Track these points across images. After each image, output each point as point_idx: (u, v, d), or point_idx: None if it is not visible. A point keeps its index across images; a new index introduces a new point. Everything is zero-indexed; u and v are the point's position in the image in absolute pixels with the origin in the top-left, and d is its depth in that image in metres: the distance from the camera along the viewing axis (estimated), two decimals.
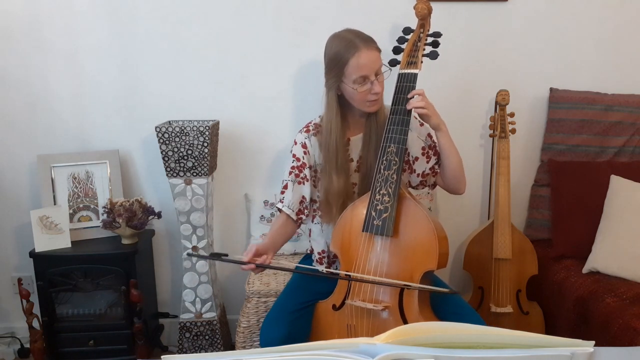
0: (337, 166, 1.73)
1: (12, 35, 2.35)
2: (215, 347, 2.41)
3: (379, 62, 1.67)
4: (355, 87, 1.65)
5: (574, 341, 0.74)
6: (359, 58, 1.63)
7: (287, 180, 1.80)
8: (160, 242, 2.57)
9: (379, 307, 1.57)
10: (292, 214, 1.77)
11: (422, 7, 1.76)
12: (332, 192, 1.74)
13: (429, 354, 0.73)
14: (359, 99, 1.69)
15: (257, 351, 0.77)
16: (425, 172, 1.79)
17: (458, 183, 1.78)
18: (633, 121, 2.39)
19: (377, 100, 1.70)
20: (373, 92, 1.66)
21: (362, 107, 1.71)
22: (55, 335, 2.31)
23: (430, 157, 1.78)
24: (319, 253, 1.88)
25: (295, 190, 1.78)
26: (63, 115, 2.43)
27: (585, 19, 2.41)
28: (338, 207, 1.74)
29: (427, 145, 1.78)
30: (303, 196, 1.80)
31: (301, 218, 1.80)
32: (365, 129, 1.77)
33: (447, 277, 2.58)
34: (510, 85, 2.37)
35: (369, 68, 1.64)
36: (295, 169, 1.80)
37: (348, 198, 1.75)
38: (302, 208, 1.80)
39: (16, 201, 2.50)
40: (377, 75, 1.66)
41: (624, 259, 2.08)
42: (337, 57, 1.67)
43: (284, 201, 1.78)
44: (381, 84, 1.68)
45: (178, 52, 2.39)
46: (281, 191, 1.80)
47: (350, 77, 1.65)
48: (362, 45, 1.64)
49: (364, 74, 1.64)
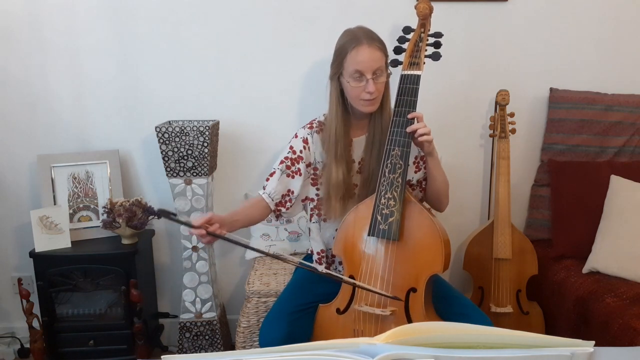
0: (336, 156, 1.72)
1: (12, 35, 2.35)
2: (215, 347, 2.41)
3: (379, 63, 1.65)
4: (350, 81, 1.65)
5: (574, 341, 0.74)
6: (357, 52, 1.63)
7: (276, 168, 1.77)
8: (160, 242, 2.57)
9: (386, 312, 1.56)
10: (271, 204, 1.75)
11: (424, 7, 1.75)
12: (332, 183, 1.72)
13: (429, 354, 0.73)
14: (353, 95, 1.68)
15: (257, 351, 0.77)
16: (412, 183, 1.79)
17: (440, 203, 1.80)
18: (633, 121, 2.39)
19: (371, 101, 1.67)
20: (367, 90, 1.64)
21: (357, 105, 1.69)
22: (55, 335, 2.31)
23: (420, 168, 1.78)
24: (317, 253, 1.88)
25: (282, 180, 1.76)
26: (63, 115, 2.43)
27: (585, 19, 2.41)
28: (338, 199, 1.72)
29: (420, 155, 1.76)
30: (289, 190, 1.78)
31: (280, 210, 1.78)
32: (368, 130, 1.76)
33: (447, 277, 2.57)
34: (510, 85, 2.37)
35: (366, 65, 1.63)
36: (288, 159, 1.77)
37: (347, 193, 1.74)
38: (284, 201, 1.77)
39: (16, 201, 2.50)
40: (375, 76, 1.64)
41: (624, 259, 2.08)
42: (340, 49, 1.68)
43: (267, 188, 1.76)
44: (379, 85, 1.65)
45: (178, 52, 2.39)
46: (267, 178, 1.78)
47: (348, 71, 1.65)
48: (364, 41, 1.64)
49: (359, 68, 1.63)
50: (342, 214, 1.72)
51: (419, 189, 1.81)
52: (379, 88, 1.66)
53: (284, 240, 2.41)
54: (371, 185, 1.70)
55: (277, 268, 2.28)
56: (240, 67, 2.41)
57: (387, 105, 1.75)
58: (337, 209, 1.72)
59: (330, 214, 1.75)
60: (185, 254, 2.34)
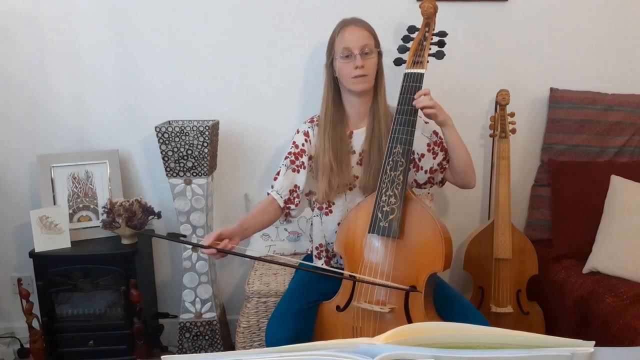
0: (328, 138, 1.74)
1: (12, 35, 2.35)
2: (215, 348, 2.41)
3: (366, 40, 1.71)
4: (340, 61, 1.71)
5: (574, 341, 0.74)
6: (344, 32, 1.73)
7: (282, 165, 1.80)
8: (160, 242, 2.57)
9: (385, 309, 1.56)
10: (280, 201, 1.76)
11: (429, 6, 1.75)
12: (322, 163, 1.74)
13: (429, 354, 0.73)
14: (344, 74, 1.72)
15: (257, 351, 0.77)
16: (434, 169, 1.79)
17: (467, 177, 1.78)
18: (633, 121, 2.39)
19: (363, 77, 1.70)
20: (356, 65, 1.68)
21: (349, 84, 1.73)
22: (55, 335, 2.31)
23: (437, 154, 1.78)
24: (316, 248, 1.88)
25: (288, 176, 1.78)
26: (63, 115, 2.43)
27: (585, 19, 2.41)
28: (326, 181, 1.73)
29: (432, 141, 1.78)
30: (296, 185, 1.79)
31: (289, 207, 1.79)
32: (368, 123, 1.78)
33: (447, 277, 2.57)
34: (510, 85, 2.37)
35: (352, 42, 1.70)
36: (291, 154, 1.80)
37: (345, 182, 1.75)
38: (293, 197, 1.79)
39: (16, 201, 2.50)
40: (362, 52, 1.69)
41: (624, 259, 2.08)
42: (331, 35, 1.78)
43: (275, 186, 1.78)
44: (368, 62, 1.70)
45: (178, 52, 2.39)
46: (274, 177, 1.80)
47: (337, 51, 1.72)
48: (350, 23, 1.75)
49: (347, 46, 1.70)
50: (332, 198, 1.76)
51: (439, 170, 1.80)
52: (368, 65, 1.71)
53: (284, 240, 2.41)
54: (372, 178, 1.71)
55: (277, 268, 2.28)
56: (240, 67, 2.41)
57: (382, 92, 1.78)
58: (327, 190, 1.74)
59: (320, 195, 1.77)
60: (185, 254, 2.34)
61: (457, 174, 1.78)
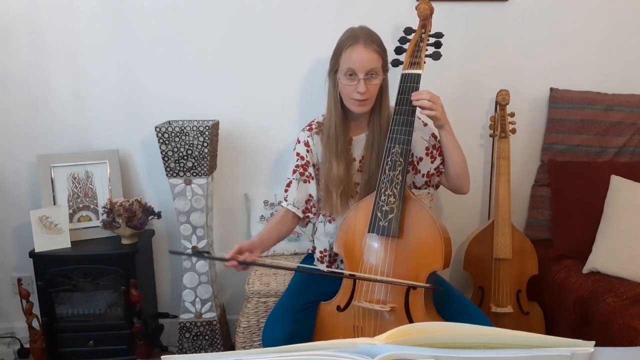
0: (337, 152, 1.74)
1: (12, 35, 2.35)
2: (215, 348, 2.41)
3: (373, 64, 1.66)
4: (342, 78, 1.68)
5: (574, 341, 0.74)
6: (352, 51, 1.66)
7: (291, 178, 1.80)
8: (160, 242, 2.57)
9: (385, 308, 1.56)
10: (298, 212, 1.78)
11: (425, 8, 1.76)
12: (332, 178, 1.73)
13: (429, 354, 0.73)
14: (344, 93, 1.70)
15: (257, 351, 0.77)
16: (430, 172, 1.79)
17: (462, 182, 1.78)
18: (633, 121, 2.39)
19: (362, 102, 1.68)
20: (357, 90, 1.65)
21: (348, 103, 1.71)
22: (55, 335, 2.30)
23: (435, 158, 1.78)
24: (320, 252, 1.88)
25: (301, 188, 1.79)
26: (63, 115, 2.43)
27: (585, 19, 2.41)
28: (338, 194, 1.73)
29: (431, 145, 1.78)
30: (310, 195, 1.80)
31: (308, 217, 1.81)
32: (368, 129, 1.77)
33: (447, 277, 2.57)
34: (510, 85, 2.37)
35: (359, 64, 1.64)
36: (299, 167, 1.81)
37: (349, 190, 1.75)
38: (310, 207, 1.81)
39: (16, 201, 2.49)
40: (367, 77, 1.65)
41: (624, 259, 2.08)
42: (338, 46, 1.71)
43: (288, 199, 1.79)
44: (371, 87, 1.67)
45: (178, 52, 2.39)
46: (284, 189, 1.80)
47: (342, 68, 1.68)
48: (361, 41, 1.66)
49: (352, 67, 1.65)
50: (344, 211, 1.73)
51: (436, 174, 1.80)
52: (371, 89, 1.68)
53: (283, 240, 2.41)
54: (372, 184, 1.71)
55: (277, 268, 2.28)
56: (240, 67, 2.41)
57: (385, 104, 1.76)
58: (339, 205, 1.73)
59: (332, 210, 1.77)
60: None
61: (451, 179, 1.78)
